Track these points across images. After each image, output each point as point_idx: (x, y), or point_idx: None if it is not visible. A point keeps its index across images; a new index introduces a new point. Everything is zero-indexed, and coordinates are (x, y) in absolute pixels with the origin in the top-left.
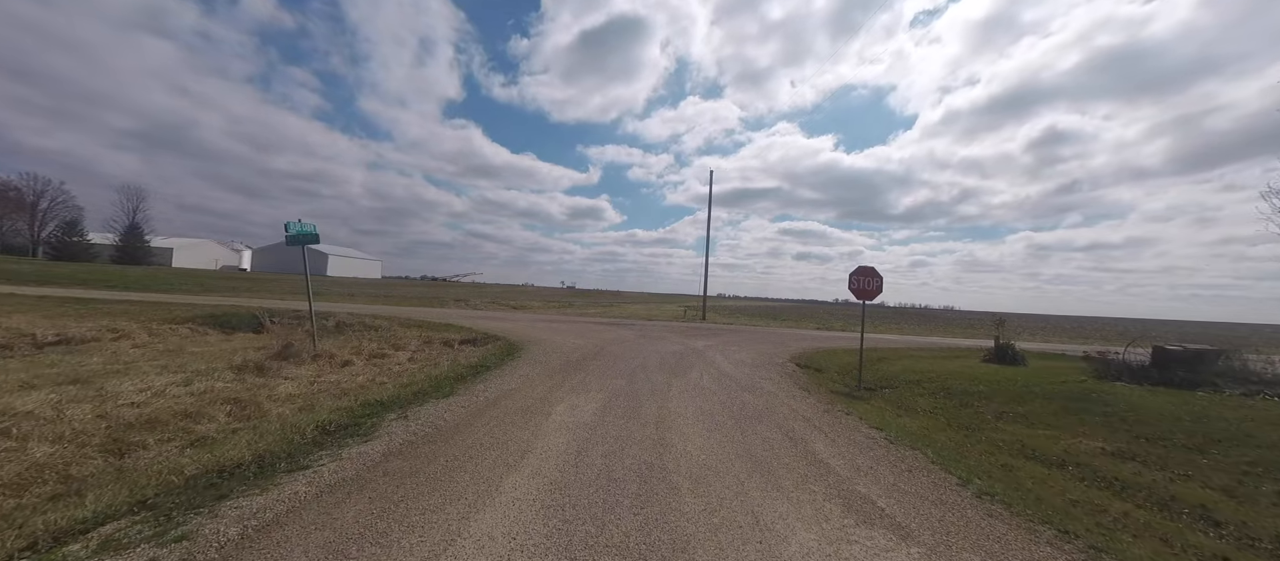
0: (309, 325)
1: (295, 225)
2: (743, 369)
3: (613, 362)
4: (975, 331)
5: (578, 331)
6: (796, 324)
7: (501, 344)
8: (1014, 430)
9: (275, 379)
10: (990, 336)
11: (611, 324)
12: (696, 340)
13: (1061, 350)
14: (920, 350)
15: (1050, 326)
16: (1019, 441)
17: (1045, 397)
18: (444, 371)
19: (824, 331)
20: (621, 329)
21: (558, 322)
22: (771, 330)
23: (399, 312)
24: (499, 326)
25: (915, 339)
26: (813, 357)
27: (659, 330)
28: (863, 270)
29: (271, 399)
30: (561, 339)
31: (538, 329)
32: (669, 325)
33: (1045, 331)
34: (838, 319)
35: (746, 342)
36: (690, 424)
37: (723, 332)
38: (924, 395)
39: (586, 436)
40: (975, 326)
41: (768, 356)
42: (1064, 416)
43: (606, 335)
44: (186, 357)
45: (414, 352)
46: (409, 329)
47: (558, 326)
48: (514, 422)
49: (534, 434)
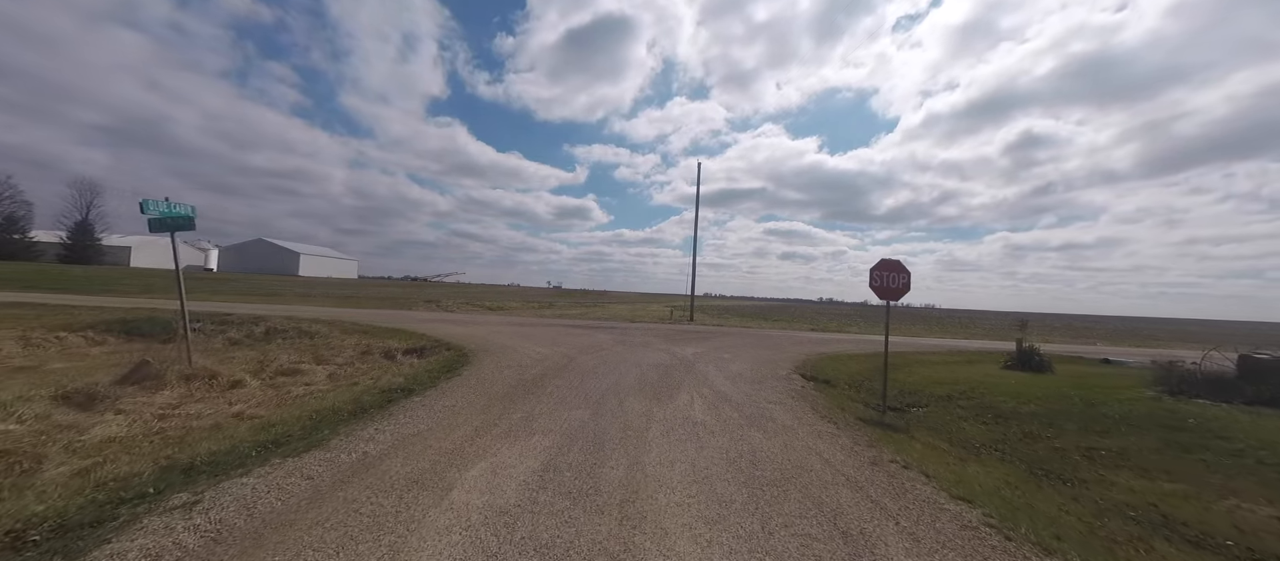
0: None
1: (157, 205)
2: (742, 387)
3: (579, 381)
4: (972, 331)
5: (549, 337)
6: (789, 324)
7: (451, 354)
8: (1126, 482)
9: (104, 413)
10: (989, 336)
11: (590, 327)
12: (684, 346)
13: (1074, 352)
14: (927, 354)
15: (1035, 324)
16: (1149, 504)
17: (1129, 425)
18: (355, 396)
19: (819, 333)
20: (600, 332)
21: (530, 326)
22: (764, 332)
23: (355, 316)
24: (461, 332)
25: (915, 340)
26: (818, 366)
27: (642, 334)
28: (886, 265)
29: (68, 448)
30: (526, 346)
31: (504, 334)
32: (653, 328)
33: (1035, 330)
34: (827, 318)
35: (740, 348)
36: (679, 505)
37: (712, 335)
38: (969, 419)
39: (492, 551)
40: (969, 326)
41: (768, 366)
42: (1177, 457)
43: (581, 341)
44: (38, 376)
45: (341, 367)
46: (351, 336)
47: (529, 330)
48: (375, 515)
49: (392, 551)
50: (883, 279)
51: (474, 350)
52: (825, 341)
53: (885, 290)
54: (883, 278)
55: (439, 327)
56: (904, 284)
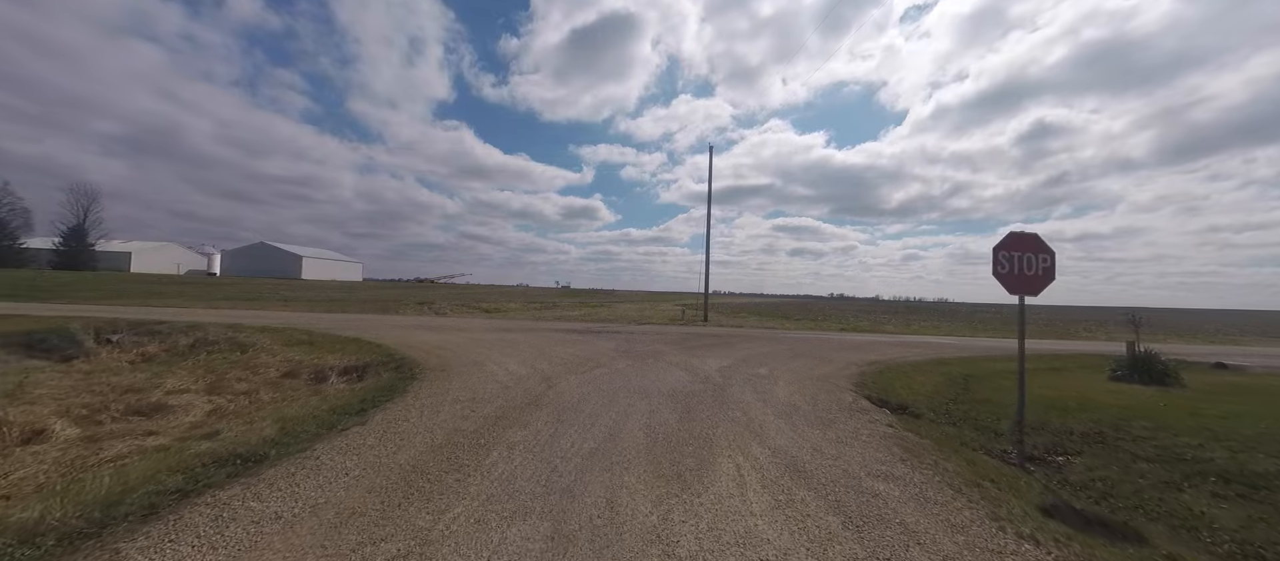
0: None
1: None
2: (807, 433)
3: (551, 433)
4: (1008, 329)
5: (536, 347)
6: (813, 324)
7: (394, 376)
8: None
9: None
10: (1045, 335)
11: (591, 331)
12: (705, 357)
13: (1174, 353)
14: (993, 357)
15: (1070, 318)
16: None
17: None
18: (181, 462)
19: (853, 334)
20: (601, 339)
21: (521, 331)
22: (792, 335)
23: (326, 322)
24: (432, 340)
25: (965, 340)
26: (882, 383)
27: (651, 340)
28: (1019, 242)
29: None
30: (500, 362)
31: (482, 344)
32: (664, 332)
33: (1069, 323)
34: (852, 316)
35: (775, 358)
36: None
37: (734, 340)
38: (1175, 483)
39: None
40: (1008, 322)
41: (822, 388)
42: None
43: (574, 353)
44: None
45: (238, 397)
46: (291, 349)
47: (515, 338)
48: None
49: None
50: (1013, 263)
51: (429, 368)
52: (867, 346)
53: (1019, 280)
54: (1013, 261)
55: (411, 335)
56: (1046, 269)
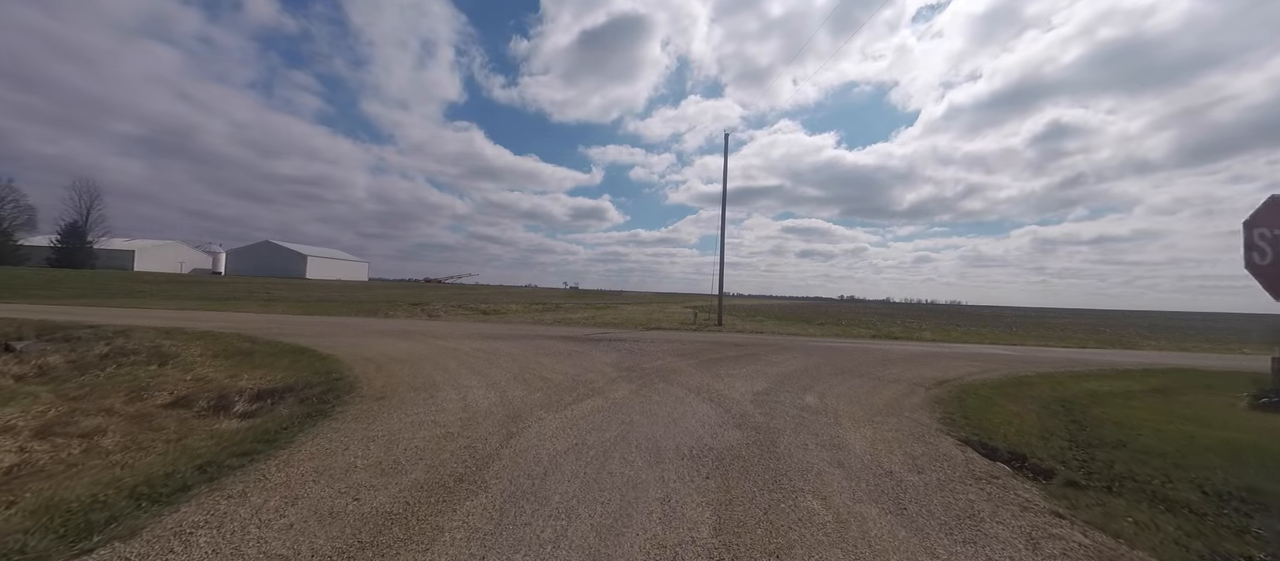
0: None
1: None
2: (937, 539)
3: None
4: (1065, 336)
5: (520, 362)
6: (839, 329)
7: (310, 408)
8: None
9: None
10: (1102, 344)
11: (590, 339)
12: (732, 377)
13: None
14: (1078, 374)
15: (1095, 324)
16: None
17: None
18: None
19: (889, 341)
20: (601, 349)
21: (509, 340)
22: (821, 343)
23: (292, 326)
24: (398, 350)
25: (1023, 351)
26: (967, 414)
27: (661, 351)
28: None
29: None
30: (464, 388)
31: (455, 357)
32: (676, 339)
33: (1116, 330)
34: (878, 319)
35: (821, 379)
36: None
37: (761, 351)
38: None
39: None
40: (1052, 328)
41: (905, 428)
42: None
43: (566, 370)
44: None
45: (76, 439)
46: (218, 361)
47: (501, 348)
48: None
49: None
50: None
51: (366, 396)
52: (918, 359)
53: None
54: None
55: (376, 344)
56: None
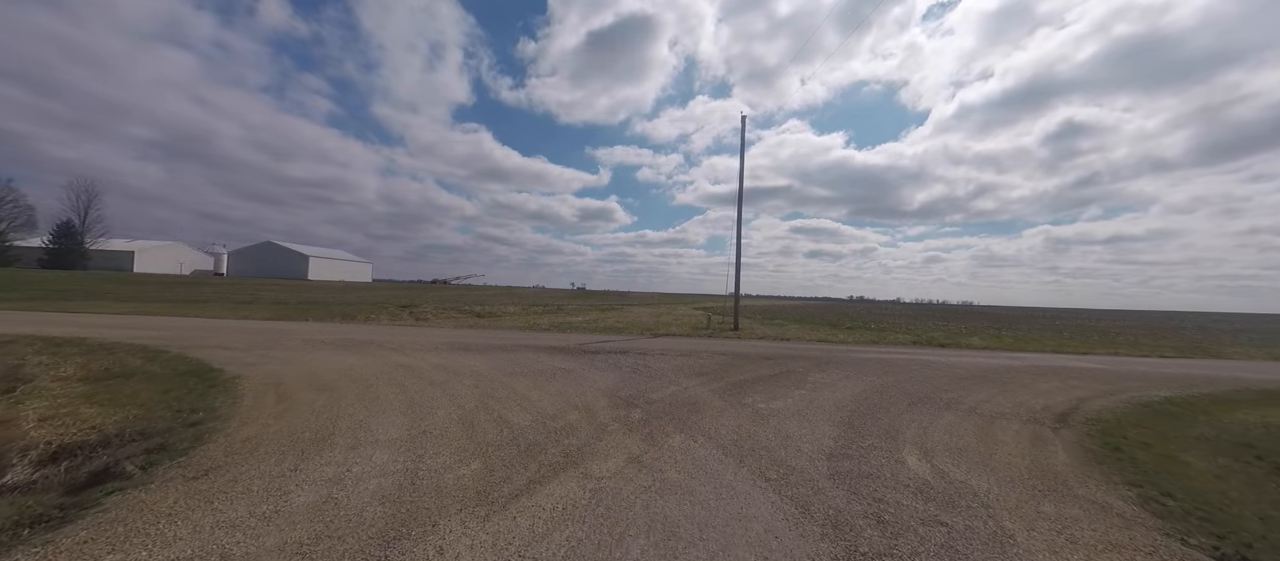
0: None
1: None
2: None
3: None
4: (1114, 340)
5: (484, 390)
6: (871, 334)
7: (79, 497)
8: None
9: None
10: (1155, 349)
11: (586, 350)
12: (783, 423)
13: None
14: (1227, 399)
15: (1123, 324)
16: None
17: None
18: None
19: (938, 350)
20: (596, 367)
21: (485, 353)
22: (868, 355)
23: (236, 333)
24: (332, 370)
25: (1114, 363)
26: (1172, 488)
27: (674, 369)
28: None
29: None
30: (370, 443)
31: (398, 383)
32: (689, 350)
33: (1196, 335)
34: (906, 321)
35: (901, 415)
36: None
37: (797, 366)
38: None
39: None
40: (1105, 334)
41: (1118, 538)
42: None
43: (540, 403)
44: None
45: None
46: (69, 390)
47: (469, 365)
48: None
49: None
50: None
51: (220, 453)
52: (997, 375)
53: None
54: None
55: (312, 360)
56: None
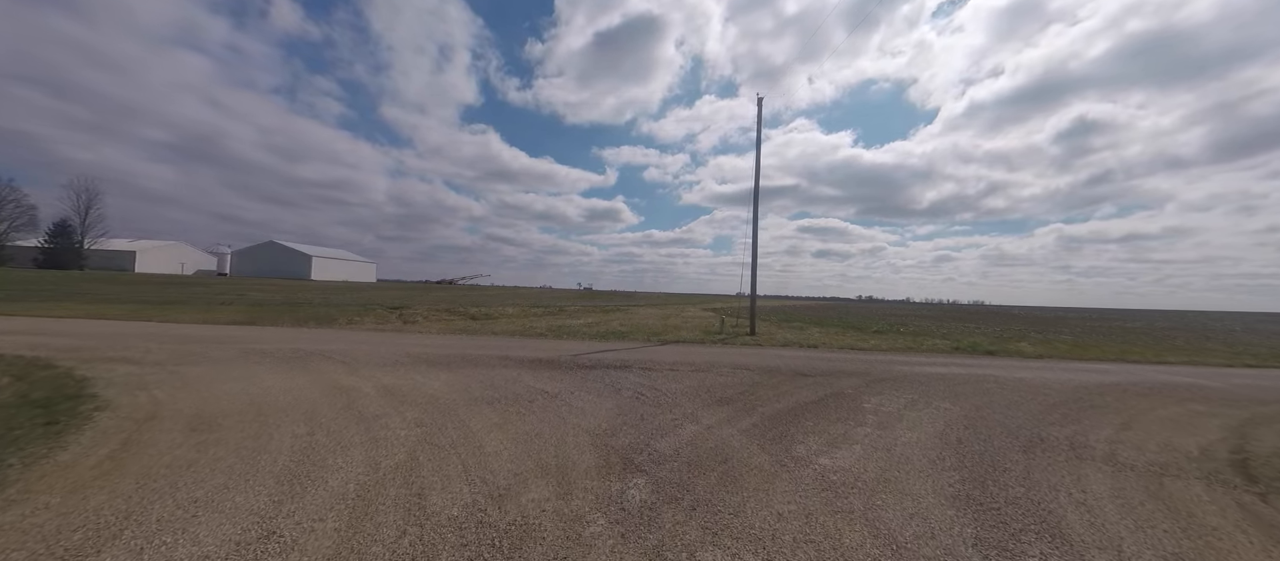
0: None
1: None
2: None
3: None
4: (1157, 343)
5: (428, 429)
6: (907, 340)
7: None
8: None
9: None
10: (1217, 356)
11: (579, 365)
12: (868, 499)
13: None
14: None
15: (1143, 325)
16: None
17: None
18: None
19: (987, 360)
20: (587, 393)
21: (457, 367)
22: (918, 368)
23: (201, 337)
24: (256, 393)
25: (1210, 376)
26: None
27: (686, 392)
28: None
29: None
30: None
31: (331, 413)
32: (705, 361)
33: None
34: (934, 324)
35: (1043, 481)
36: None
37: (847, 391)
38: None
39: None
40: (1156, 335)
41: None
42: None
43: (491, 469)
44: None
45: None
46: None
47: (430, 386)
48: None
49: None
50: None
51: None
52: (1094, 397)
53: None
54: None
55: (230, 380)
56: None
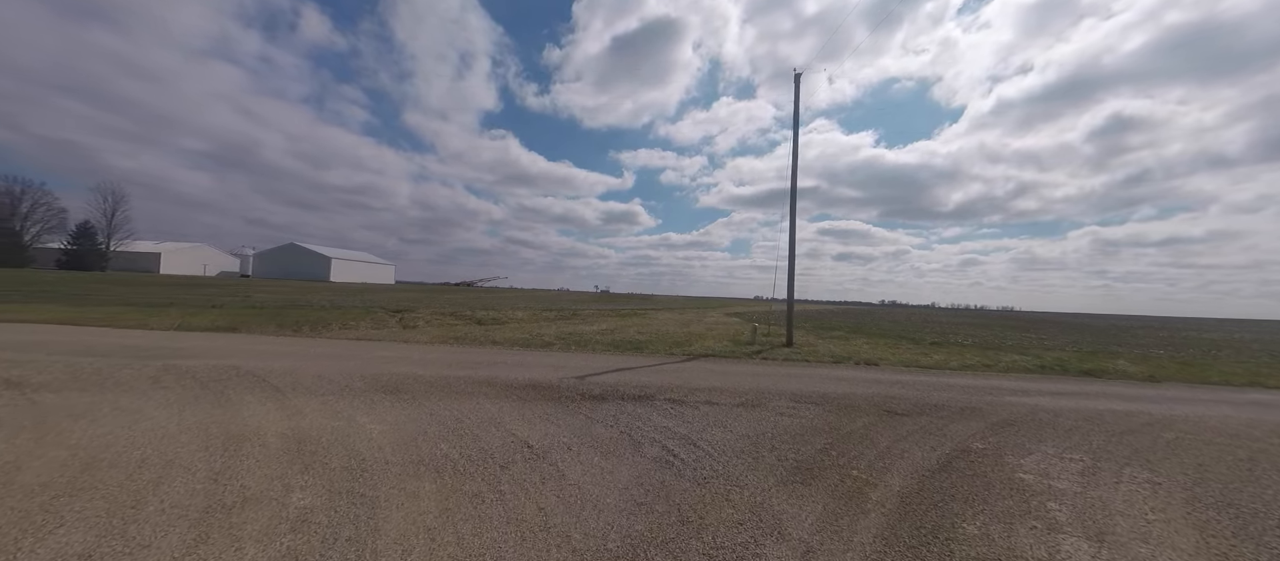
0: None
1: None
2: None
3: None
4: None
5: (338, 512)
6: (980, 354)
7: None
8: None
9: None
10: None
11: (585, 392)
12: None
13: None
14: None
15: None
16: None
17: None
18: None
19: (1090, 383)
20: (594, 447)
21: (424, 396)
22: (1038, 401)
23: (104, 344)
24: (111, 444)
25: None
26: None
27: (739, 452)
28: None
29: None
30: None
31: (217, 474)
32: (749, 392)
33: None
34: (1003, 334)
35: None
36: None
37: (985, 451)
38: None
39: None
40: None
41: None
42: None
43: None
44: None
45: None
46: None
47: (371, 429)
48: None
49: None
50: None
51: None
52: None
53: None
54: None
55: (97, 423)
56: None
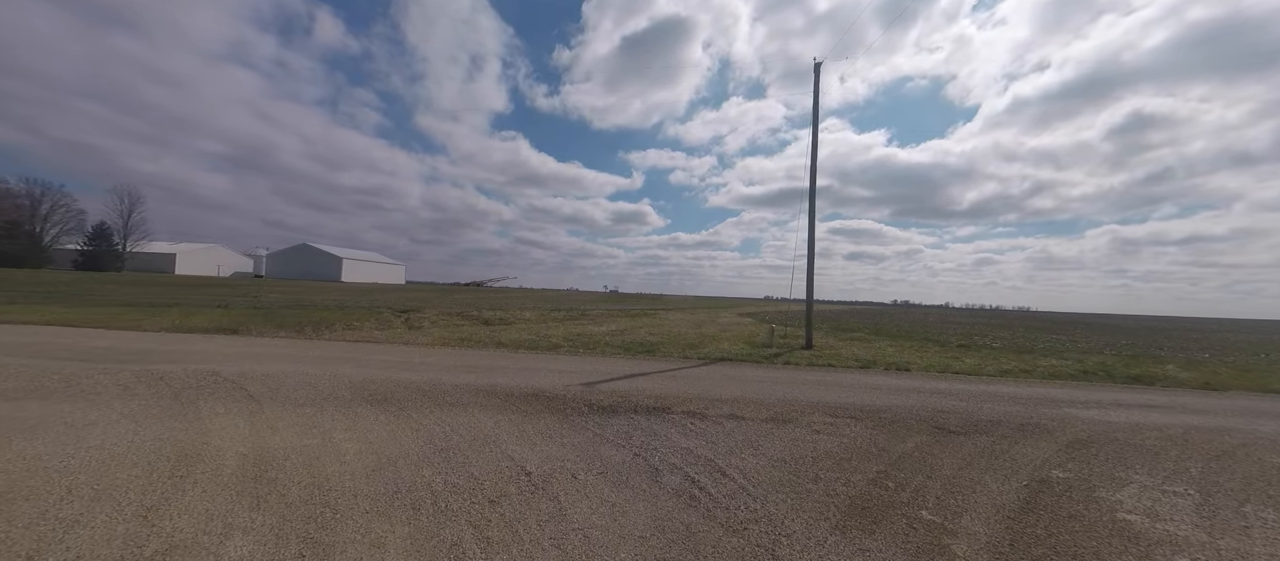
0: None
1: None
2: None
3: None
4: None
5: None
6: (1012, 356)
7: None
8: None
9: None
10: None
11: (593, 402)
12: None
13: None
14: None
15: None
16: None
17: None
18: None
19: (1139, 392)
20: (602, 475)
21: (411, 408)
22: (1101, 415)
23: (81, 347)
24: (41, 468)
25: None
26: None
27: (776, 485)
28: None
29: None
30: None
31: (166, 501)
32: (776, 403)
33: None
34: (1031, 336)
35: None
36: None
37: (1070, 484)
38: None
39: None
40: None
41: None
42: None
43: None
44: None
45: None
46: None
47: (355, 447)
48: None
49: None
50: None
51: None
52: None
53: None
54: None
55: (25, 438)
56: None
